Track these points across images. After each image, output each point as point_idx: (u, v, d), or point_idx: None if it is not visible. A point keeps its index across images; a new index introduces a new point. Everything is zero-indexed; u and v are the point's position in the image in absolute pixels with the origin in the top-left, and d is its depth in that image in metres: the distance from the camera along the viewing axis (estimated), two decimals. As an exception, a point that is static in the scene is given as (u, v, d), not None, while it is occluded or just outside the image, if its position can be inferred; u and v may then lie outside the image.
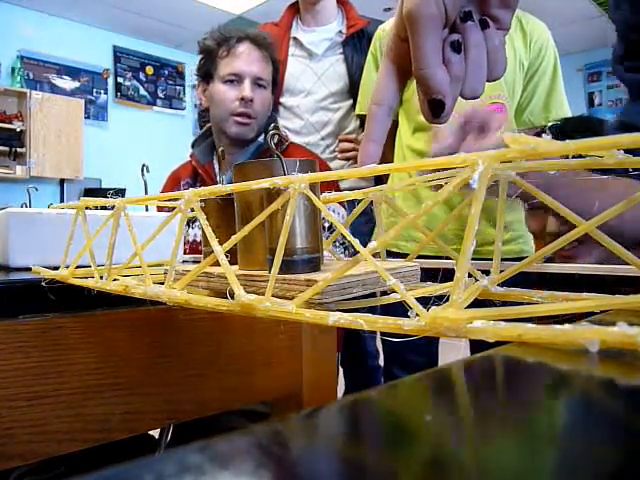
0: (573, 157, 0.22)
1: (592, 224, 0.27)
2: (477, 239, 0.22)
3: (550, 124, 1.24)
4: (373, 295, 0.33)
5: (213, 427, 0.98)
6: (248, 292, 0.28)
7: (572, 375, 0.18)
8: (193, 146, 1.32)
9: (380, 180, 1.36)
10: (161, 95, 5.15)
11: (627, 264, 0.28)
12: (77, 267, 0.46)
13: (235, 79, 1.18)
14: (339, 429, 0.15)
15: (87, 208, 0.48)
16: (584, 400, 0.16)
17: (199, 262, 0.36)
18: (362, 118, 1.41)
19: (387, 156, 1.33)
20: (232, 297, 0.28)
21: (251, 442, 0.14)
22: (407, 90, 1.25)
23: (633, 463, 0.12)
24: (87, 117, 4.61)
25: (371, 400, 0.17)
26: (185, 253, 1.10)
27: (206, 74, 1.23)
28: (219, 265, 0.30)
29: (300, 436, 0.14)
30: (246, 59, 1.19)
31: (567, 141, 0.19)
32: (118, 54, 4.84)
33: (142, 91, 5.02)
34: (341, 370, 1.53)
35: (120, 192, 0.88)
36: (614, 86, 4.74)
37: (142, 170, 0.79)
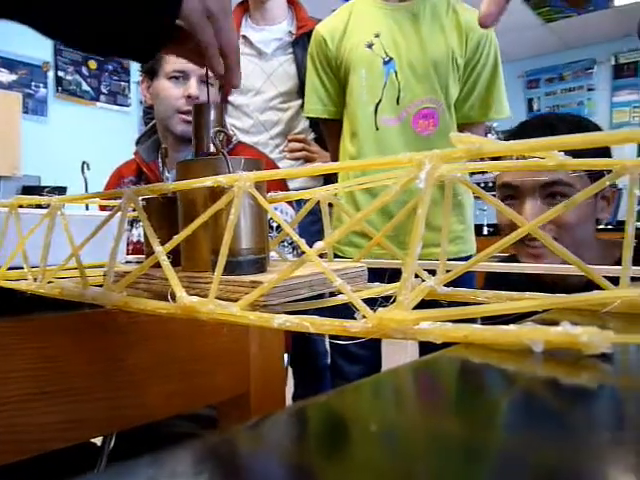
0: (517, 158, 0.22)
1: (534, 224, 0.28)
2: (425, 242, 0.21)
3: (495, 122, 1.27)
4: (322, 297, 0.33)
5: (157, 432, 0.96)
6: (191, 294, 0.27)
7: (516, 376, 0.18)
8: (137, 143, 1.28)
9: (330, 180, 1.36)
10: (105, 91, 4.98)
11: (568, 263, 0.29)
12: (10, 269, 0.44)
13: (180, 76, 1.15)
14: (287, 437, 0.15)
15: (20, 206, 0.45)
16: (526, 400, 0.16)
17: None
18: (311, 119, 1.41)
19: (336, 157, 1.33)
20: (173, 299, 0.27)
21: (201, 453, 0.13)
22: (350, 94, 1.24)
23: (571, 459, 0.12)
24: (25, 112, 4.41)
25: (319, 407, 0.16)
26: (129, 254, 1.07)
27: (150, 70, 1.19)
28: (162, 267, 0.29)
29: (248, 445, 0.14)
30: None
31: (512, 141, 0.19)
32: (59, 47, 4.65)
33: (85, 86, 4.85)
34: (290, 370, 1.52)
35: (59, 190, 0.84)
36: (552, 93, 4.94)
37: (82, 167, 0.76)
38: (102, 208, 0.90)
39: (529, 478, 0.11)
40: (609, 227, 3.25)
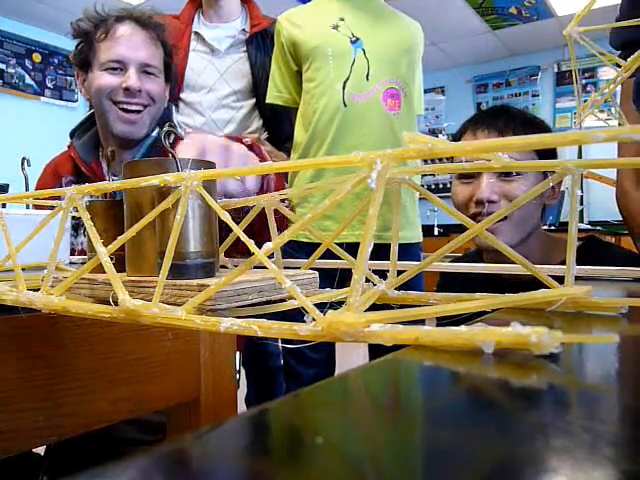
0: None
1: (482, 226, 0.28)
2: (379, 224, 0.21)
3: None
4: (271, 303, 0.32)
5: (104, 439, 0.92)
6: (135, 299, 0.26)
7: (467, 377, 0.18)
8: (72, 135, 1.13)
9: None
10: (50, 85, 4.80)
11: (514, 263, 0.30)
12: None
13: (117, 66, 1.01)
14: (240, 447, 0.14)
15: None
16: (478, 402, 0.16)
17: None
18: (265, 116, 1.41)
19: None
20: (116, 303, 0.26)
21: (149, 465, 0.13)
22: (314, 74, 1.22)
23: (520, 461, 0.12)
24: (-38, 105, 4.20)
25: (272, 414, 0.16)
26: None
27: (83, 62, 1.05)
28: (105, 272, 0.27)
29: (199, 456, 0.13)
30: (128, 42, 1.00)
31: (463, 142, 0.19)
32: (0, 38, 4.45)
33: (28, 80, 4.65)
34: (243, 371, 1.50)
35: (1, 188, 0.80)
36: (499, 97, 5.09)
37: (22, 164, 0.73)
38: (41, 207, 0.85)
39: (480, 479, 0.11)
40: (552, 228, 3.37)
